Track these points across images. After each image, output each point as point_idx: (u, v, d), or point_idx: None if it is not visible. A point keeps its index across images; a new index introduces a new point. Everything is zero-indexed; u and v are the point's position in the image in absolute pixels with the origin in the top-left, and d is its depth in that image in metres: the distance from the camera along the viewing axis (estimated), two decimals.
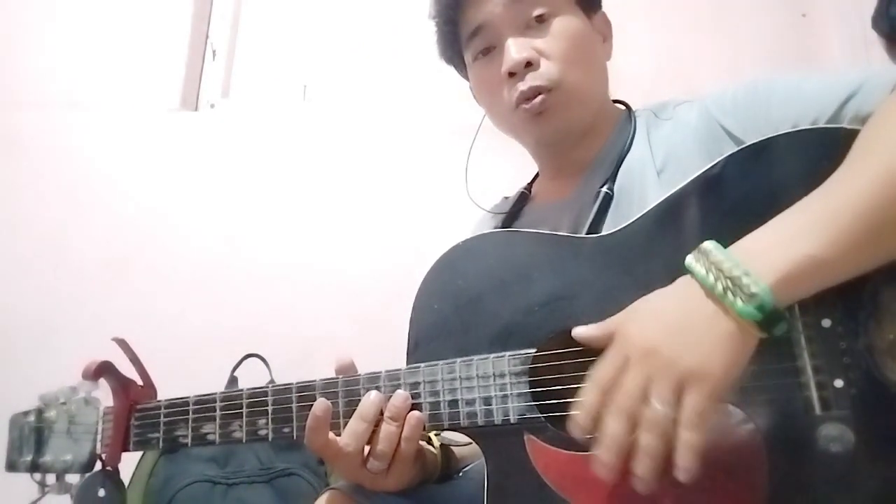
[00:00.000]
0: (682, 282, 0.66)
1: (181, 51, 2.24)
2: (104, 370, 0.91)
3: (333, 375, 0.83)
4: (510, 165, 1.15)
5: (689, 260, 0.65)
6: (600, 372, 0.66)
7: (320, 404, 0.80)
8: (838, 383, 0.63)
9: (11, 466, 0.96)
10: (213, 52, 2.30)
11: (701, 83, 1.74)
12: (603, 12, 1.08)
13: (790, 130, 0.74)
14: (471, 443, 0.88)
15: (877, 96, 0.75)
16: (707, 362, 0.61)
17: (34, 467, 0.94)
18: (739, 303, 0.60)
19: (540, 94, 0.96)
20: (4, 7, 2.30)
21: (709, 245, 0.64)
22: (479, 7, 0.99)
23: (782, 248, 0.61)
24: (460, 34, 1.04)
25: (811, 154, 0.70)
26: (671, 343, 0.62)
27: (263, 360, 1.80)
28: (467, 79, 1.10)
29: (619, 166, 0.96)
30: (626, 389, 0.63)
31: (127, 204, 2.10)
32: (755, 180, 0.72)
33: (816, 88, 0.81)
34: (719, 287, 0.61)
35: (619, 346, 0.66)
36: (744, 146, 0.75)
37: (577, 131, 1.00)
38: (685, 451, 0.60)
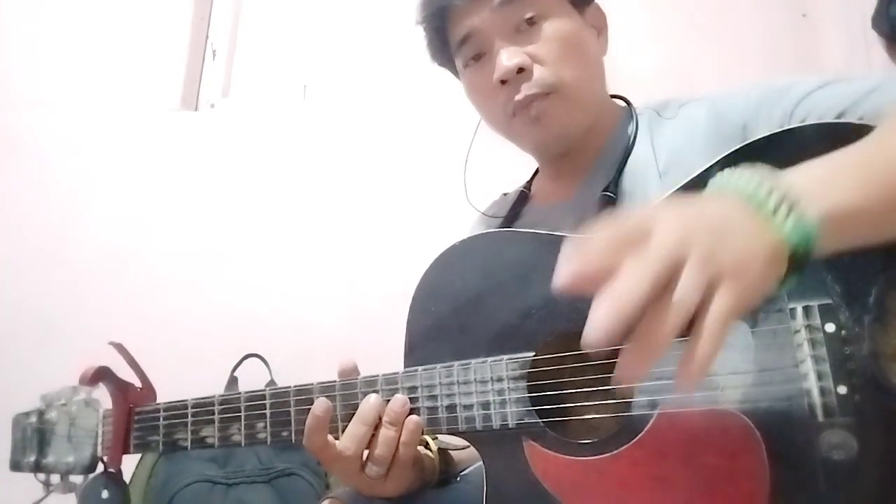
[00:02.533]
0: (712, 196, 0.57)
1: (181, 51, 2.24)
2: (101, 376, 0.91)
3: (334, 377, 0.83)
4: (509, 164, 1.14)
5: (725, 176, 0.58)
6: (624, 224, 0.52)
7: (321, 404, 0.79)
8: (842, 389, 0.62)
9: (16, 466, 0.97)
10: (213, 52, 2.31)
11: (701, 83, 1.74)
12: (596, 4, 1.04)
13: (797, 125, 0.73)
14: (468, 446, 0.88)
15: (892, 95, 0.73)
16: (747, 264, 0.51)
17: (37, 467, 0.95)
18: (790, 225, 0.52)
19: (538, 103, 0.94)
20: (4, 7, 2.30)
21: (750, 166, 0.57)
22: (467, 15, 0.97)
23: (828, 184, 0.56)
24: (449, 41, 1.02)
25: (817, 148, 0.69)
26: (713, 237, 0.51)
27: (263, 360, 1.80)
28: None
29: (622, 168, 0.94)
30: (660, 248, 0.50)
31: (127, 204, 2.11)
32: None
33: (833, 89, 0.79)
34: (771, 203, 0.53)
35: (648, 217, 0.53)
36: (748, 142, 0.74)
37: (575, 133, 0.98)
38: (698, 364, 0.49)
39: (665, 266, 0.49)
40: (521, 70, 0.94)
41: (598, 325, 0.47)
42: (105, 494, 0.89)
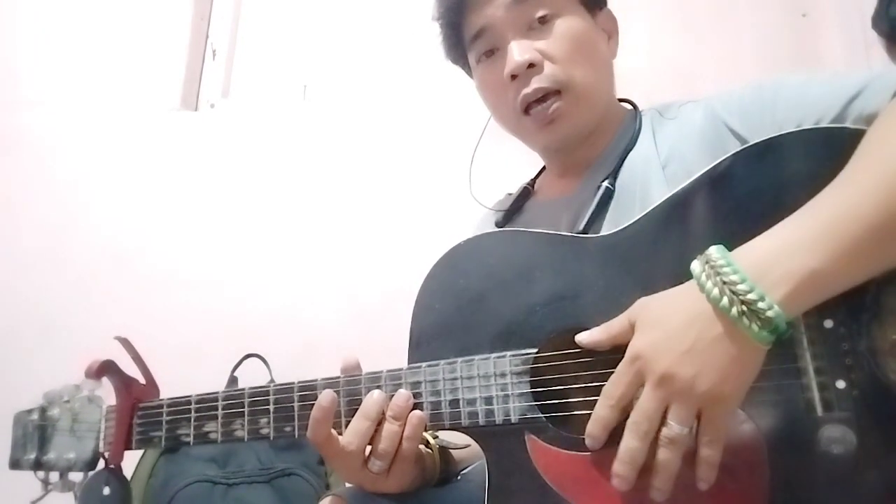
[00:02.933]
0: (690, 293, 0.65)
1: (181, 51, 2.25)
2: (106, 369, 0.91)
3: (335, 375, 0.83)
4: (514, 162, 1.14)
5: (697, 270, 0.65)
6: (615, 389, 0.67)
7: (326, 395, 0.79)
8: (840, 384, 0.63)
9: (15, 464, 0.96)
10: (213, 52, 2.31)
11: (701, 83, 1.74)
12: (608, 9, 1.06)
13: (794, 130, 0.73)
14: (468, 445, 0.88)
15: (881, 97, 0.75)
16: (723, 384, 0.62)
17: (37, 465, 0.94)
18: (755, 328, 0.60)
19: (546, 97, 0.96)
20: (5, 7, 2.30)
21: (716, 254, 0.64)
22: (482, 10, 0.99)
23: (788, 263, 0.61)
24: (463, 36, 1.03)
25: (815, 153, 0.70)
26: (687, 367, 0.63)
27: (263, 360, 1.80)
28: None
29: (623, 162, 0.96)
30: (645, 411, 0.64)
31: (127, 203, 2.11)
32: (758, 179, 0.72)
33: (822, 89, 0.81)
34: (734, 311, 0.61)
35: (632, 364, 0.66)
36: (747, 145, 0.75)
37: (584, 135, 1.00)
38: (708, 467, 0.64)
39: (651, 428, 0.64)
40: (531, 65, 0.95)
41: (620, 484, 0.66)
42: (106, 491, 0.89)
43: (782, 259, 0.62)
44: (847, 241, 0.61)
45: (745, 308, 0.61)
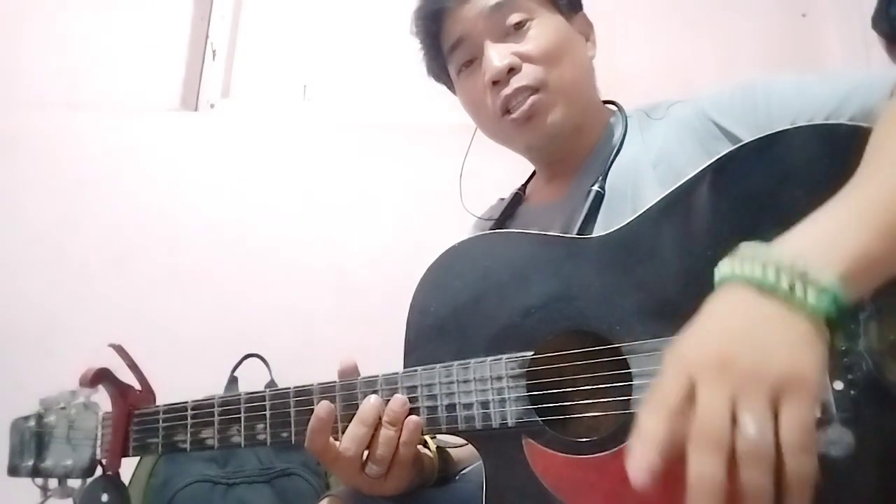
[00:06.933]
0: (723, 294, 0.55)
1: (181, 51, 2.24)
2: (101, 377, 0.91)
3: (334, 377, 0.83)
4: (506, 168, 1.14)
5: (728, 267, 0.56)
6: (663, 393, 0.52)
7: (324, 406, 0.79)
8: (838, 385, 0.62)
9: (13, 471, 0.96)
10: (213, 52, 2.30)
11: (700, 83, 1.74)
12: (583, 13, 1.07)
13: (790, 127, 0.73)
14: (467, 444, 0.88)
15: (877, 95, 0.74)
16: (797, 364, 0.50)
17: (36, 472, 0.94)
18: (812, 298, 0.51)
19: (526, 97, 0.96)
20: (5, 7, 2.30)
21: (749, 247, 0.55)
22: (458, 18, 1.00)
23: (832, 245, 0.54)
24: (442, 48, 1.05)
25: (812, 150, 0.70)
26: (747, 351, 0.51)
27: (263, 360, 1.80)
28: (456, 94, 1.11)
29: (611, 165, 0.95)
30: (709, 413, 0.49)
31: (127, 204, 2.10)
32: (754, 177, 0.71)
33: (816, 88, 0.81)
34: (784, 284, 0.51)
35: (677, 368, 0.53)
36: (742, 143, 0.74)
37: (566, 132, 1.00)
38: (801, 484, 0.49)
39: (723, 435, 0.48)
40: (511, 70, 0.96)
41: None
42: (105, 498, 0.89)
43: (827, 243, 0.54)
44: (890, 222, 0.55)
45: (796, 278, 0.51)
